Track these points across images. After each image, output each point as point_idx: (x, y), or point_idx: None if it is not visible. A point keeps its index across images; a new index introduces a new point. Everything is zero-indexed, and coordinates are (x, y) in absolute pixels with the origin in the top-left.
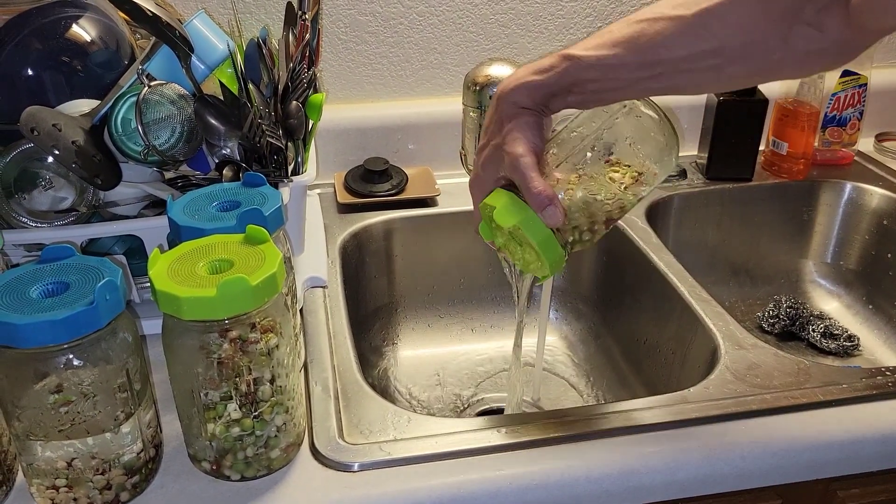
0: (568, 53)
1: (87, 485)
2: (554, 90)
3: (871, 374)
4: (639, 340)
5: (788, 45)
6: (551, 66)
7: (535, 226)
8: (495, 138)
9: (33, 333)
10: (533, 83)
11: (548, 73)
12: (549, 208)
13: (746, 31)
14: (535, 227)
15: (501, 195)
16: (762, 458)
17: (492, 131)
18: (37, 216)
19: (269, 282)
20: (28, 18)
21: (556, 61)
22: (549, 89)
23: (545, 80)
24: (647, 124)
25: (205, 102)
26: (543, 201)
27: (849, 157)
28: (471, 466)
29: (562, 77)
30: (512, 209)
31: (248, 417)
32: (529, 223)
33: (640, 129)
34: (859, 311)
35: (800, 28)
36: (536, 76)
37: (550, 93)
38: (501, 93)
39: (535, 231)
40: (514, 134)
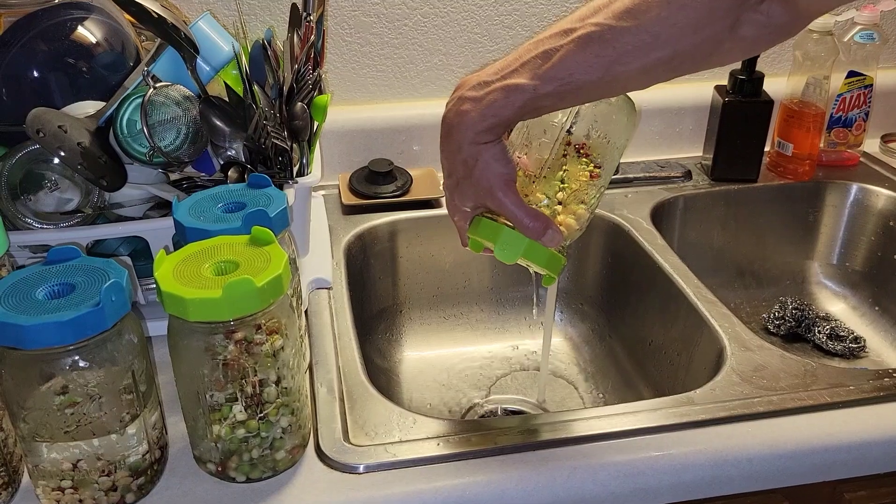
0: (517, 84)
1: (92, 486)
2: (513, 122)
3: (879, 375)
4: (644, 342)
5: (737, 35)
6: (505, 102)
7: (537, 251)
8: (463, 174)
9: (39, 335)
10: (490, 125)
11: (503, 109)
12: (548, 233)
13: (697, 31)
14: (538, 253)
15: (489, 227)
16: (769, 460)
17: (456, 168)
18: (42, 218)
19: (275, 283)
20: (34, 20)
21: (507, 96)
22: (508, 124)
23: (503, 118)
24: (607, 108)
25: (210, 104)
26: (539, 230)
27: (854, 159)
28: (477, 468)
29: (520, 112)
30: (509, 244)
31: (254, 419)
32: (531, 252)
33: (603, 114)
34: (865, 312)
35: (747, 16)
36: (491, 117)
37: (509, 124)
38: (459, 136)
39: (538, 257)
40: (486, 172)
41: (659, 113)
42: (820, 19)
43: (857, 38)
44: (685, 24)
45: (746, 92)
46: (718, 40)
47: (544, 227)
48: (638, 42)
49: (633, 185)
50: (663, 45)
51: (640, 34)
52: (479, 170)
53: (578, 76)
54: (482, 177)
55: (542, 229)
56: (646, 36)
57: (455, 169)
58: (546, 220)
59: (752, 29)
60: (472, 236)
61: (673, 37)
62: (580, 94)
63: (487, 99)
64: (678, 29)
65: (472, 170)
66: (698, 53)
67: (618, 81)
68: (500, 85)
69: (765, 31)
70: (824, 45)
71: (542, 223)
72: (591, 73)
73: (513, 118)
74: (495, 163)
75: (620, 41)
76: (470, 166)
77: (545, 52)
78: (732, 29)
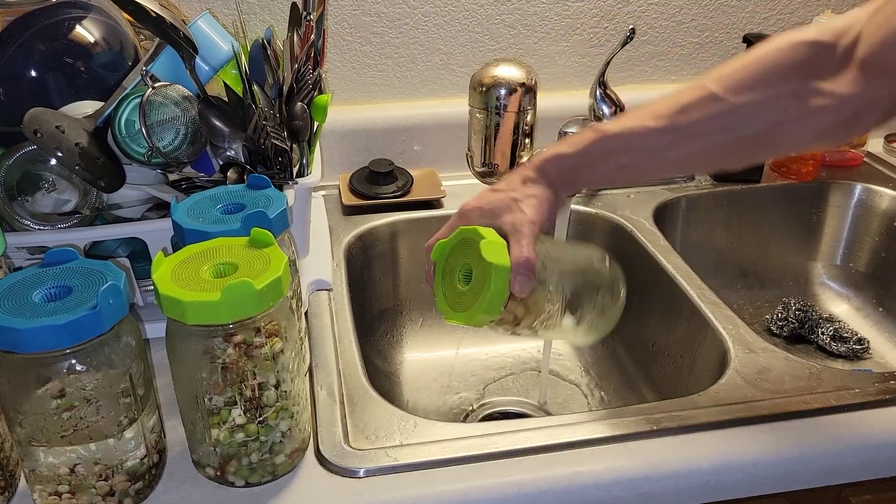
0: (596, 126)
1: (89, 491)
2: (583, 162)
3: (884, 378)
4: (647, 343)
5: (801, 104)
6: (582, 140)
7: (503, 280)
8: (513, 193)
9: (36, 338)
10: (563, 154)
11: (577, 146)
12: (523, 277)
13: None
14: (503, 281)
15: (495, 235)
16: (774, 464)
17: (513, 184)
18: (40, 219)
19: (274, 286)
20: (31, 20)
21: (586, 134)
22: (577, 160)
23: (575, 151)
24: (612, 307)
25: (209, 104)
26: (522, 267)
27: (858, 159)
28: (478, 472)
29: (590, 148)
30: (501, 252)
31: (253, 423)
32: (503, 273)
33: (604, 304)
34: (869, 313)
35: (812, 85)
36: (567, 148)
37: (579, 164)
38: (535, 161)
39: (499, 283)
40: (532, 201)
41: None
42: (823, 19)
43: None
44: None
45: None
46: (782, 104)
47: (528, 270)
48: (699, 90)
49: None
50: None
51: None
52: (529, 200)
53: (646, 123)
54: (528, 204)
55: (525, 269)
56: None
57: (511, 182)
58: (533, 270)
59: (817, 100)
60: (477, 228)
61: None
62: (644, 143)
63: (570, 137)
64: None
65: (524, 197)
66: (761, 115)
67: (679, 130)
68: (585, 129)
69: (832, 106)
70: None
71: (529, 267)
72: (655, 120)
73: (582, 156)
74: (544, 204)
75: (692, 96)
76: (525, 189)
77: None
78: (797, 96)
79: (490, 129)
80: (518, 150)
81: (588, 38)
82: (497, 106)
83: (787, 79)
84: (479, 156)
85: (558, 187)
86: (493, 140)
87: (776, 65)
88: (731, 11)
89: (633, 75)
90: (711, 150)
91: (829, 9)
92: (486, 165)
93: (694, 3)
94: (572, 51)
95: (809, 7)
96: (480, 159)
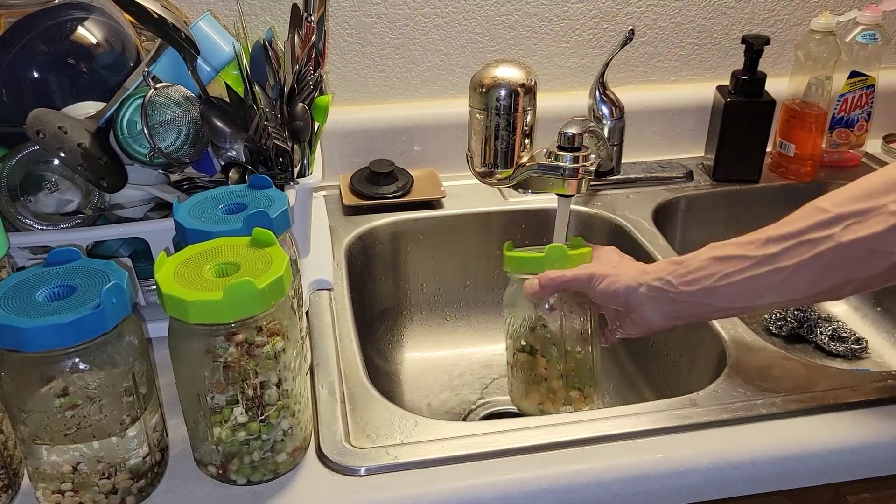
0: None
1: (92, 489)
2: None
3: (882, 378)
4: (646, 343)
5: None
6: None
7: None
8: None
9: (39, 337)
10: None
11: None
12: (533, 287)
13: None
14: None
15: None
16: (773, 462)
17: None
18: (42, 219)
19: (276, 285)
20: (34, 21)
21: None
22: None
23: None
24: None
25: (210, 104)
26: (536, 283)
27: (856, 159)
28: (479, 471)
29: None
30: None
31: (255, 421)
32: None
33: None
34: (867, 313)
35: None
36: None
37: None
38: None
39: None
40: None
41: (660, 113)
42: (822, 19)
43: (859, 39)
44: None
45: (748, 92)
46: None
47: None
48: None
49: (634, 185)
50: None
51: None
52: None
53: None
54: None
55: (539, 286)
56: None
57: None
58: (542, 286)
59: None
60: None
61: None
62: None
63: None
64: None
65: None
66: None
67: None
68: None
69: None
70: (826, 45)
71: (537, 280)
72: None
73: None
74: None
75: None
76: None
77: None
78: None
79: (490, 130)
80: (518, 151)
81: (587, 39)
82: (497, 106)
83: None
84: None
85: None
86: (493, 140)
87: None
88: (730, 13)
89: (632, 76)
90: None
91: (827, 10)
92: (485, 166)
93: (693, 4)
94: (572, 52)
95: (808, 8)
96: (480, 159)
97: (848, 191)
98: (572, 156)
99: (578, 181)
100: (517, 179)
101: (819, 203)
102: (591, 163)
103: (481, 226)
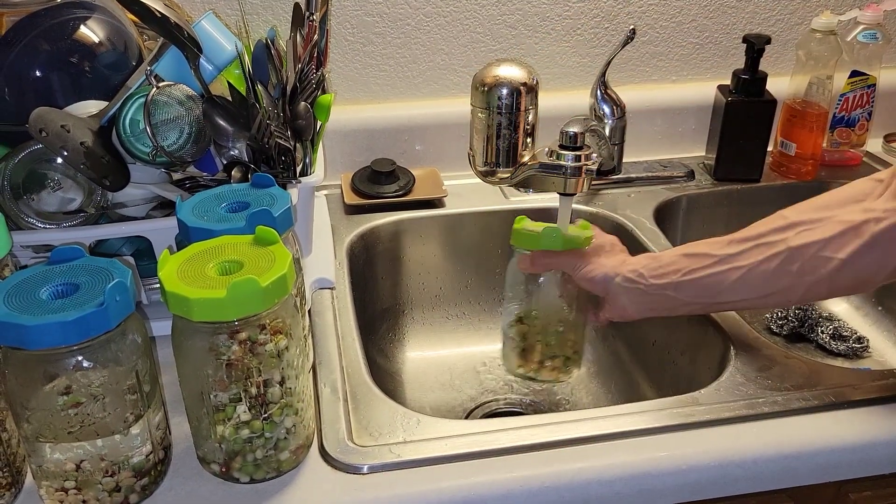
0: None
1: (95, 487)
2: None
3: (884, 376)
4: (647, 342)
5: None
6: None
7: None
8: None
9: (43, 335)
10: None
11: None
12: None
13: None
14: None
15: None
16: (774, 460)
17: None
18: (45, 217)
19: (279, 283)
20: (36, 20)
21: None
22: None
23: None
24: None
25: (213, 103)
26: (528, 260)
27: (857, 158)
28: (481, 468)
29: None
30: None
31: (258, 419)
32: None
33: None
34: (868, 312)
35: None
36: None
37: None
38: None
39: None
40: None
41: (661, 112)
42: (823, 19)
43: (860, 38)
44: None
45: (749, 91)
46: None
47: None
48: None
49: (635, 184)
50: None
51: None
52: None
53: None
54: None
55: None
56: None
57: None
58: (533, 263)
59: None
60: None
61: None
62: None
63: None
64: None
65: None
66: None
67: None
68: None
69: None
70: (827, 44)
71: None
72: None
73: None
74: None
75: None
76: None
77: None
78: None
79: (492, 129)
80: (520, 150)
81: (589, 38)
82: (499, 105)
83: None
84: (481, 155)
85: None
86: (494, 139)
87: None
88: (731, 12)
89: (633, 75)
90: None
91: (828, 9)
92: (487, 164)
93: (694, 3)
94: (573, 51)
95: (809, 7)
96: (482, 158)
97: (811, 202)
98: (574, 155)
99: (580, 180)
100: (519, 178)
101: (783, 211)
102: (593, 162)
103: (483, 225)
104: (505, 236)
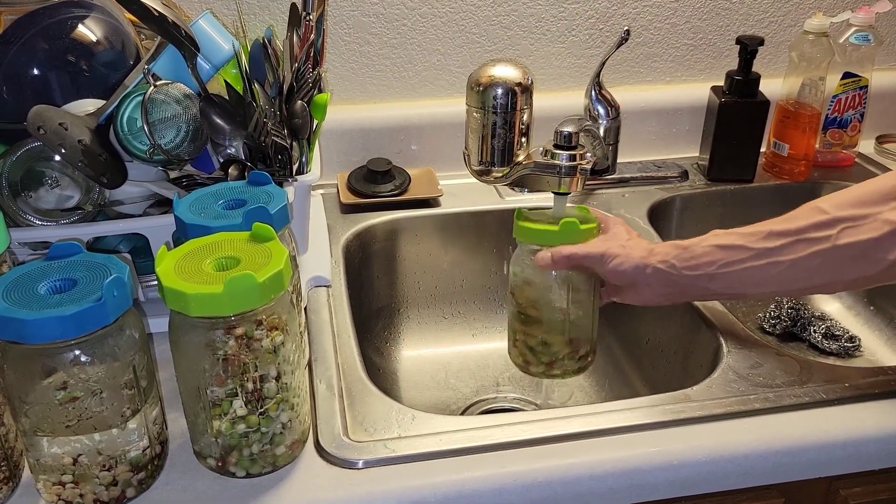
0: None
1: (93, 481)
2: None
3: (874, 372)
4: (641, 340)
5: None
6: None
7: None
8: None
9: (41, 329)
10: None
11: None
12: (546, 259)
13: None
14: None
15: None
16: (765, 456)
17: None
18: (43, 214)
19: (276, 279)
20: (34, 18)
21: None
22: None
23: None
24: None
25: (210, 102)
26: (549, 257)
27: (849, 159)
28: (475, 464)
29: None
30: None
31: (254, 414)
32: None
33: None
34: (860, 311)
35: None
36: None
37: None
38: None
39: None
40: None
41: (655, 113)
42: (815, 21)
43: (852, 40)
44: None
45: (743, 93)
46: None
47: (551, 258)
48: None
49: (629, 184)
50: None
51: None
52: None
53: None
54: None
55: (548, 258)
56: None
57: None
58: (555, 261)
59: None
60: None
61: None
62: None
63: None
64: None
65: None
66: None
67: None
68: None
69: None
70: (820, 46)
71: (550, 255)
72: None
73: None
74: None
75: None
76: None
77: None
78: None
79: (487, 129)
80: (515, 149)
81: (583, 39)
82: (494, 105)
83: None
84: (476, 154)
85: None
86: (489, 139)
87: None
88: (725, 14)
89: (628, 76)
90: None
91: (821, 11)
92: (482, 164)
93: (688, 5)
94: (568, 52)
95: (802, 9)
96: (477, 158)
97: (846, 195)
98: (569, 154)
99: (574, 179)
100: (514, 177)
101: (819, 204)
102: (588, 161)
103: (478, 224)
104: (500, 235)
